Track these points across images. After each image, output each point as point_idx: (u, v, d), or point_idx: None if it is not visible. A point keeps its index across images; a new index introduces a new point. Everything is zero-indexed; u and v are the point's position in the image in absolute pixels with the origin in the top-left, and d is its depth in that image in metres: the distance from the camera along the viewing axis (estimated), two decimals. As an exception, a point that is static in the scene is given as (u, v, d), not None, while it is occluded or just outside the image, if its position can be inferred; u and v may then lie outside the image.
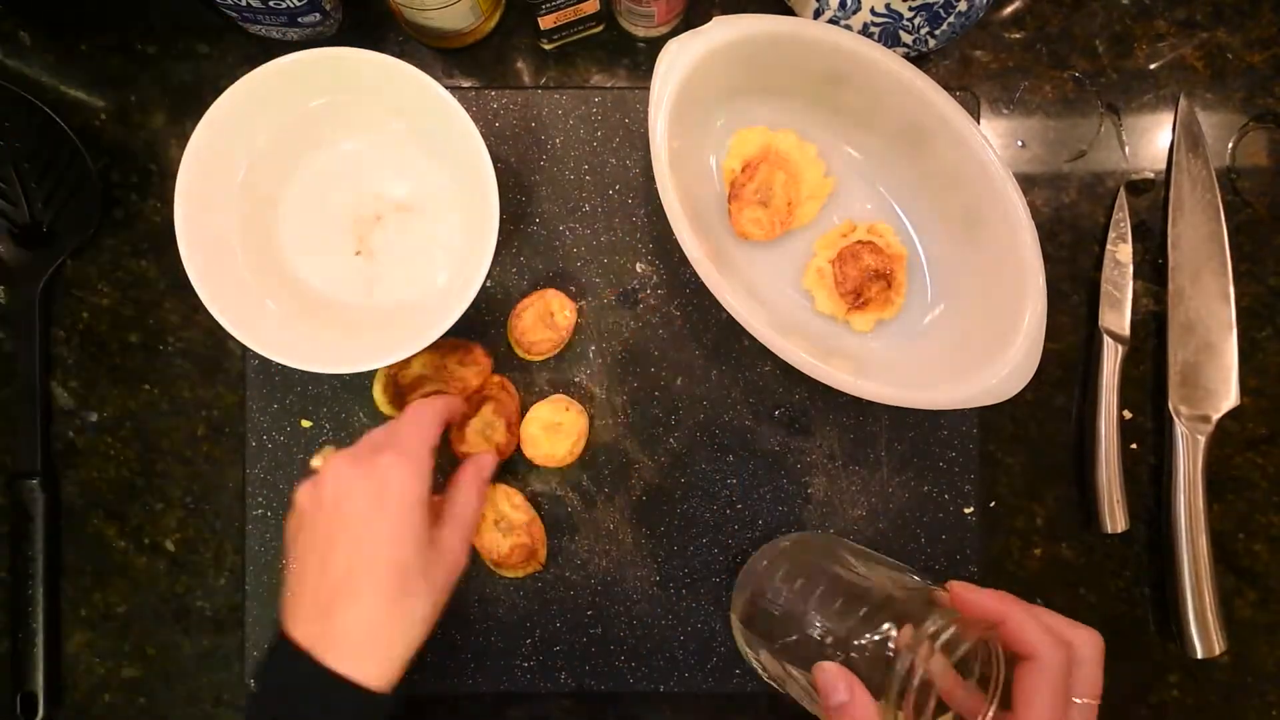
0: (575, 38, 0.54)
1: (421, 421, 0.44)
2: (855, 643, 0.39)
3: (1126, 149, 0.56)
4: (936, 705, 0.36)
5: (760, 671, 0.49)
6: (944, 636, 0.36)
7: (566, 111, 0.54)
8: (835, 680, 0.37)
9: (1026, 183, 0.56)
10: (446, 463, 0.54)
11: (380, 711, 0.39)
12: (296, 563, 0.42)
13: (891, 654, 0.37)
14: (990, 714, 0.36)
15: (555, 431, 0.51)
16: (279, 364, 0.47)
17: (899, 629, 0.38)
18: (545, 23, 0.51)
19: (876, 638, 0.38)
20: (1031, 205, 0.50)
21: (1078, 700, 0.36)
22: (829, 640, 0.41)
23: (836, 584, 0.44)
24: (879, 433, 0.54)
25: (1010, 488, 0.56)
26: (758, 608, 0.48)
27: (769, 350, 0.48)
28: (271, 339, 0.47)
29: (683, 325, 0.54)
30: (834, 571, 0.45)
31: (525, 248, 0.54)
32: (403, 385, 0.51)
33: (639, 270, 0.54)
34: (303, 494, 0.43)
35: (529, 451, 0.51)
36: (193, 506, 0.55)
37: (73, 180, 0.54)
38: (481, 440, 0.52)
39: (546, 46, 0.54)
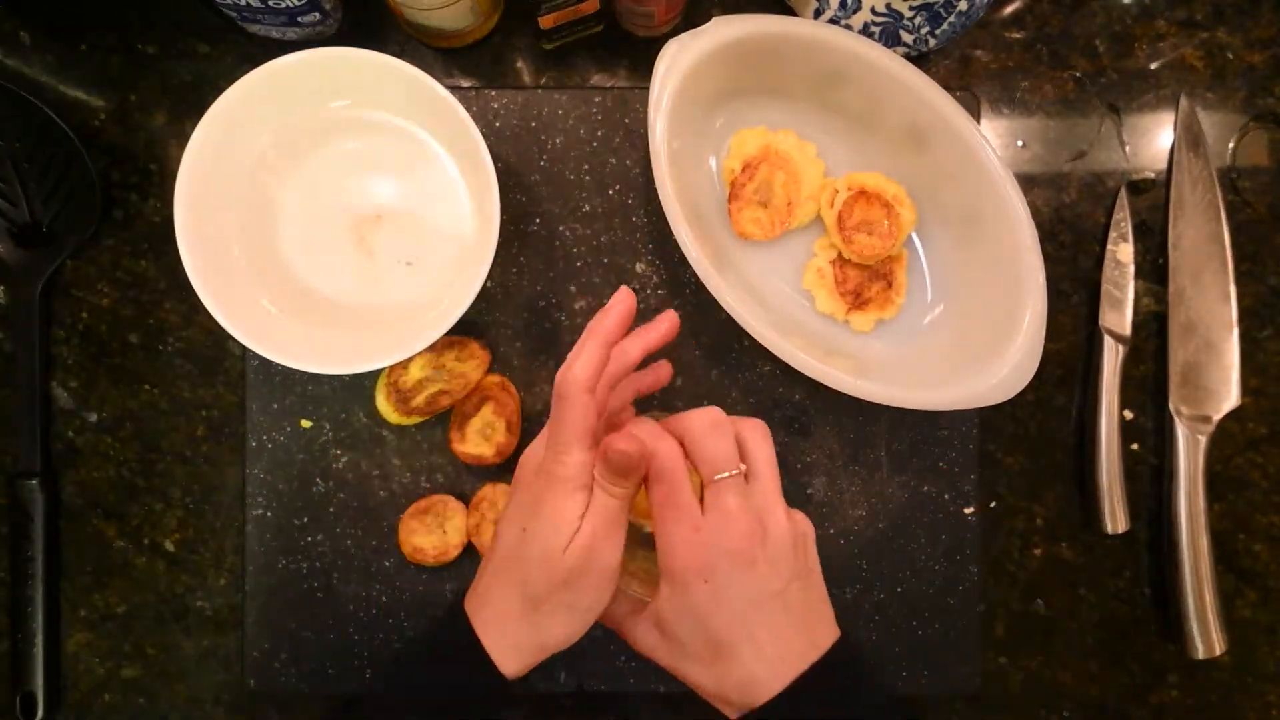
0: (575, 38, 0.54)
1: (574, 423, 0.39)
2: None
3: (1127, 149, 0.56)
4: None
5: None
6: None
7: (566, 111, 0.54)
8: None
9: (1027, 182, 0.56)
10: (447, 463, 0.54)
11: (498, 688, 0.39)
12: (496, 526, 0.43)
13: None
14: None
15: None
16: (279, 364, 0.47)
17: None
18: (545, 23, 0.51)
19: None
20: (1032, 205, 0.50)
21: (720, 476, 0.38)
22: None
23: None
24: (879, 433, 0.54)
25: (1010, 488, 0.56)
26: None
27: (769, 350, 0.48)
28: (271, 339, 0.47)
29: (683, 325, 0.54)
30: None
31: (525, 248, 0.54)
32: (404, 389, 0.51)
33: (639, 270, 0.54)
34: (527, 457, 0.42)
35: None
36: (193, 506, 0.55)
37: (73, 180, 0.54)
38: (481, 440, 0.52)
39: (546, 46, 0.54)
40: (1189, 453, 0.54)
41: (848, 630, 0.40)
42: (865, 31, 0.50)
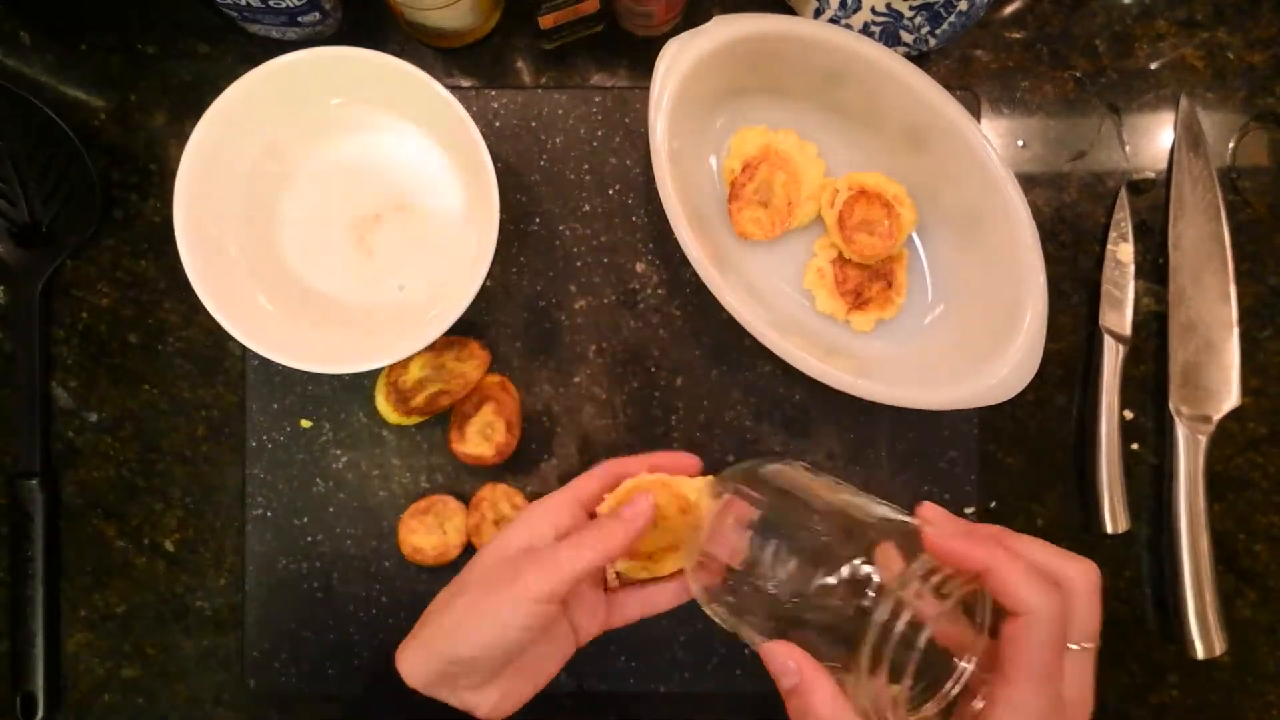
0: (575, 38, 0.54)
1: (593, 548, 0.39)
2: (814, 586, 0.34)
3: (1127, 148, 0.56)
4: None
5: (723, 626, 0.41)
6: (914, 586, 0.31)
7: (566, 111, 0.54)
8: (781, 665, 0.33)
9: (1027, 182, 0.56)
10: (447, 463, 0.54)
11: (400, 694, 0.40)
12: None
13: (853, 605, 0.32)
14: (971, 666, 0.32)
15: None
16: (279, 364, 0.47)
17: (863, 567, 0.33)
18: (545, 23, 0.51)
19: (832, 580, 0.33)
20: (1032, 205, 0.50)
21: (1073, 646, 0.32)
22: (783, 591, 0.35)
23: (789, 523, 0.38)
24: (879, 433, 0.54)
25: (1010, 488, 0.56)
26: (709, 559, 0.40)
27: (769, 350, 0.48)
28: (271, 339, 0.47)
29: (683, 325, 0.54)
30: (785, 506, 0.39)
31: (525, 248, 0.54)
32: (404, 389, 0.51)
33: (639, 270, 0.54)
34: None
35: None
36: (193, 506, 0.55)
37: (73, 180, 0.54)
38: (481, 440, 0.52)
39: (546, 46, 0.54)
40: (1189, 453, 0.54)
41: None
42: (865, 31, 0.50)
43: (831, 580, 0.33)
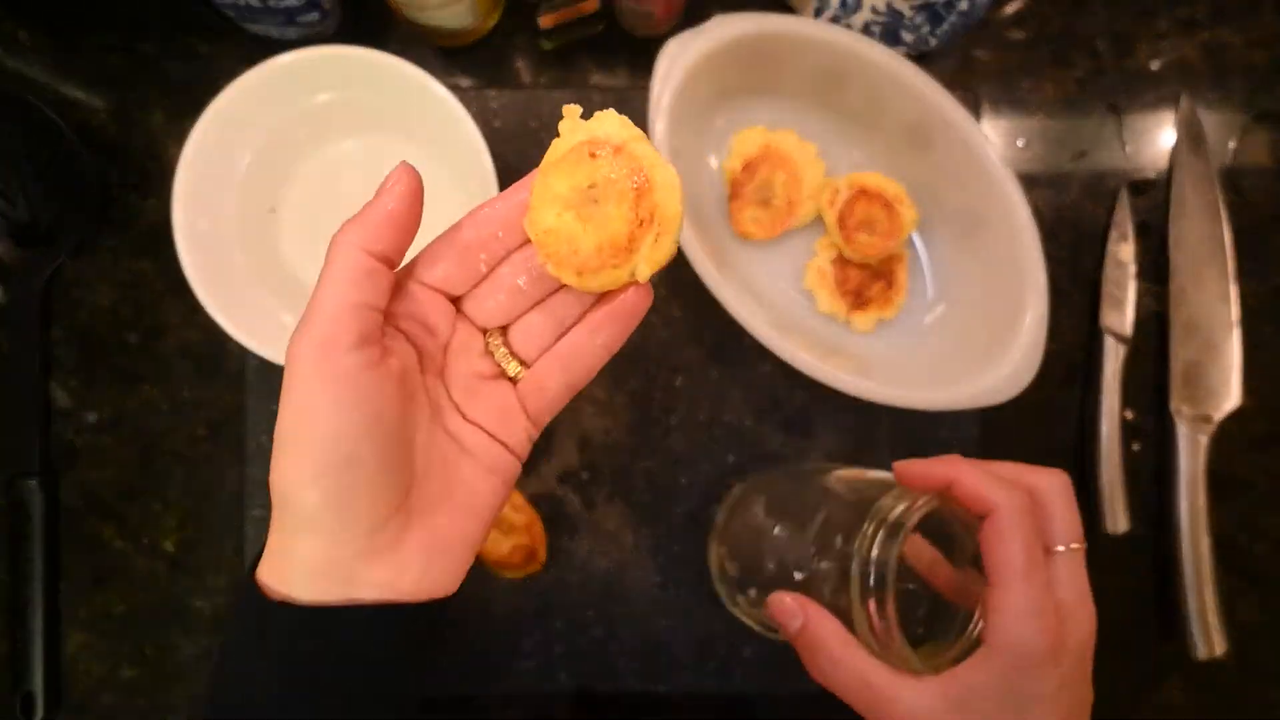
0: (575, 38, 0.54)
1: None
2: (820, 562, 0.37)
3: (1128, 148, 0.56)
4: (916, 601, 0.34)
5: (752, 625, 0.46)
6: (892, 515, 0.32)
7: (566, 111, 0.54)
8: (785, 608, 0.35)
9: (1028, 182, 0.56)
10: (446, 463, 0.54)
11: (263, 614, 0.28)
12: None
13: (845, 558, 0.35)
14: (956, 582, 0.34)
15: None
16: (279, 364, 0.47)
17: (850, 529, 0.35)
18: (545, 22, 0.51)
19: (837, 547, 0.36)
20: (1032, 205, 0.50)
21: (1060, 548, 0.32)
22: (792, 569, 0.39)
23: (793, 514, 0.41)
24: (879, 433, 0.54)
25: (1011, 488, 0.56)
26: (728, 559, 0.46)
27: (769, 350, 0.48)
28: (271, 339, 0.47)
29: (683, 325, 0.54)
30: (792, 500, 0.42)
31: (525, 247, 0.54)
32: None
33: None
34: None
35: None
36: (192, 507, 0.55)
37: (73, 180, 0.54)
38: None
39: (546, 46, 0.54)
40: (1190, 453, 0.54)
41: None
42: (866, 31, 0.50)
43: (828, 555, 0.36)
